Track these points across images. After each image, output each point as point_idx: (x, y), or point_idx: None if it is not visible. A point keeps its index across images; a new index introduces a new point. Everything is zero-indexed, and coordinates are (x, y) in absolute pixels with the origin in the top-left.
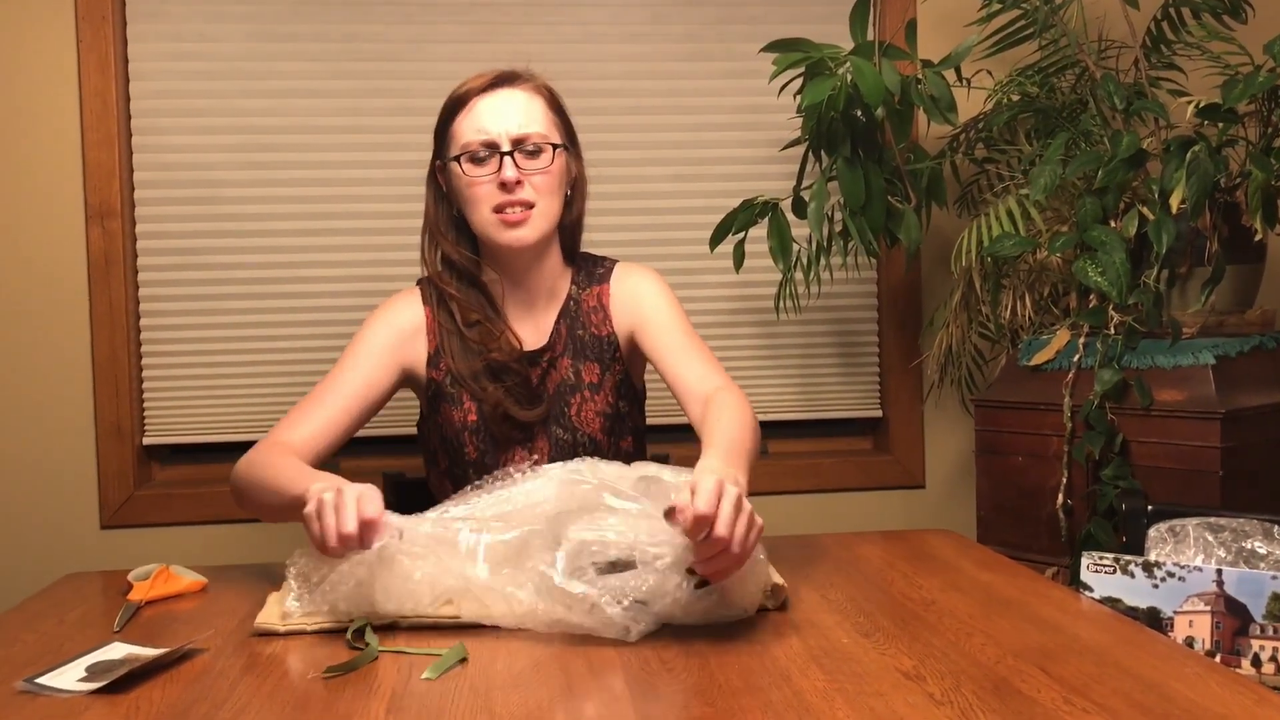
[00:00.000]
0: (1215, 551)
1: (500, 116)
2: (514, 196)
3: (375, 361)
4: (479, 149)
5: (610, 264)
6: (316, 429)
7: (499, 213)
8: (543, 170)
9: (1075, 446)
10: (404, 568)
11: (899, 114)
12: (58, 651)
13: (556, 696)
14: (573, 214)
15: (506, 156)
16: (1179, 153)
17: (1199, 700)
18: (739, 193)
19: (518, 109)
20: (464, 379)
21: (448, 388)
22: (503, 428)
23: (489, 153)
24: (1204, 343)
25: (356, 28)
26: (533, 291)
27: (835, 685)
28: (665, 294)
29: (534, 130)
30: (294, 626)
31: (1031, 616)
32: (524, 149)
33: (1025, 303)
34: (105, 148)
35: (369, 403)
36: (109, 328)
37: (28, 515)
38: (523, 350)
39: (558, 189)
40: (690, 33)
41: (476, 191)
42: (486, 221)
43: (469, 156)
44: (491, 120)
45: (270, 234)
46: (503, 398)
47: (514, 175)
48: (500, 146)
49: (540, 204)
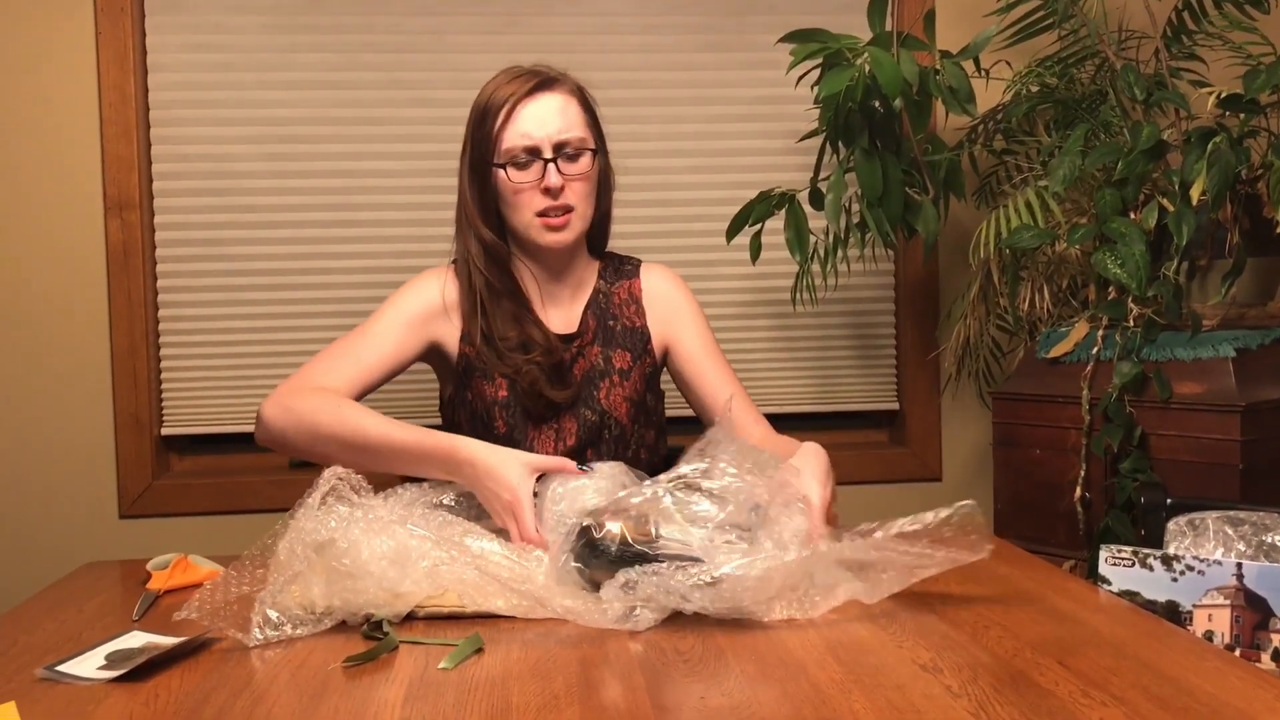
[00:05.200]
0: (1235, 545)
1: (542, 122)
2: (556, 202)
3: (406, 327)
4: (521, 154)
5: (636, 262)
6: (352, 378)
7: (541, 216)
8: (582, 175)
9: (1094, 439)
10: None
11: (917, 105)
12: (77, 640)
13: (573, 687)
14: (600, 210)
15: (550, 163)
16: (1200, 144)
17: (1218, 694)
18: (756, 184)
19: (557, 114)
20: (499, 354)
21: (479, 363)
22: (535, 404)
23: (531, 158)
24: (1224, 335)
25: (375, 19)
26: (561, 282)
27: (852, 677)
28: (697, 311)
29: (574, 135)
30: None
31: (1049, 609)
32: (565, 154)
33: (1044, 295)
34: (124, 140)
35: (396, 363)
36: (128, 319)
37: (47, 505)
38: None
39: (593, 191)
40: (708, 24)
41: (521, 198)
42: (529, 224)
43: (512, 162)
44: (534, 126)
45: (288, 225)
46: (538, 375)
47: (558, 182)
48: (543, 152)
49: (579, 207)
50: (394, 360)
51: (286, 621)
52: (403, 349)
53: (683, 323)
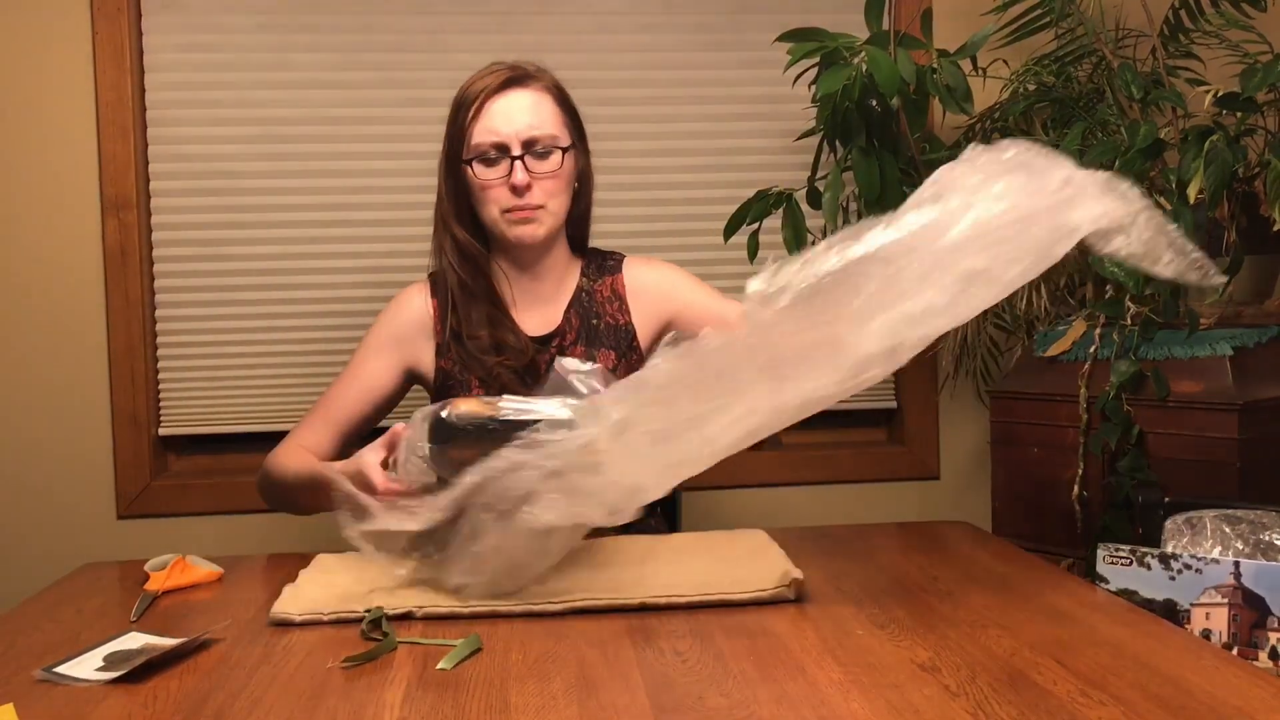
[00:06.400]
0: (1233, 543)
1: (510, 119)
2: (523, 200)
3: (377, 355)
4: (490, 150)
5: (619, 257)
6: (328, 426)
7: (507, 213)
8: (552, 174)
9: (1091, 438)
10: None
11: (914, 104)
12: (75, 641)
13: (571, 687)
14: (580, 207)
15: (517, 160)
16: (1197, 142)
17: (1216, 693)
18: (753, 183)
19: (527, 110)
20: (472, 365)
21: (457, 375)
22: None
23: (499, 155)
24: (1222, 334)
25: (371, 19)
26: (541, 281)
27: (850, 676)
28: (692, 279)
29: (544, 133)
30: (310, 616)
31: (1047, 608)
32: (534, 151)
33: (1041, 293)
34: (120, 140)
35: (377, 396)
36: (125, 319)
37: (45, 505)
38: (530, 336)
39: (566, 189)
40: (704, 23)
41: (488, 194)
42: (496, 219)
43: (480, 158)
44: (502, 122)
45: (285, 225)
46: (510, 379)
47: (524, 179)
48: (510, 149)
49: (549, 204)
50: (372, 394)
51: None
52: (378, 379)
53: (681, 294)
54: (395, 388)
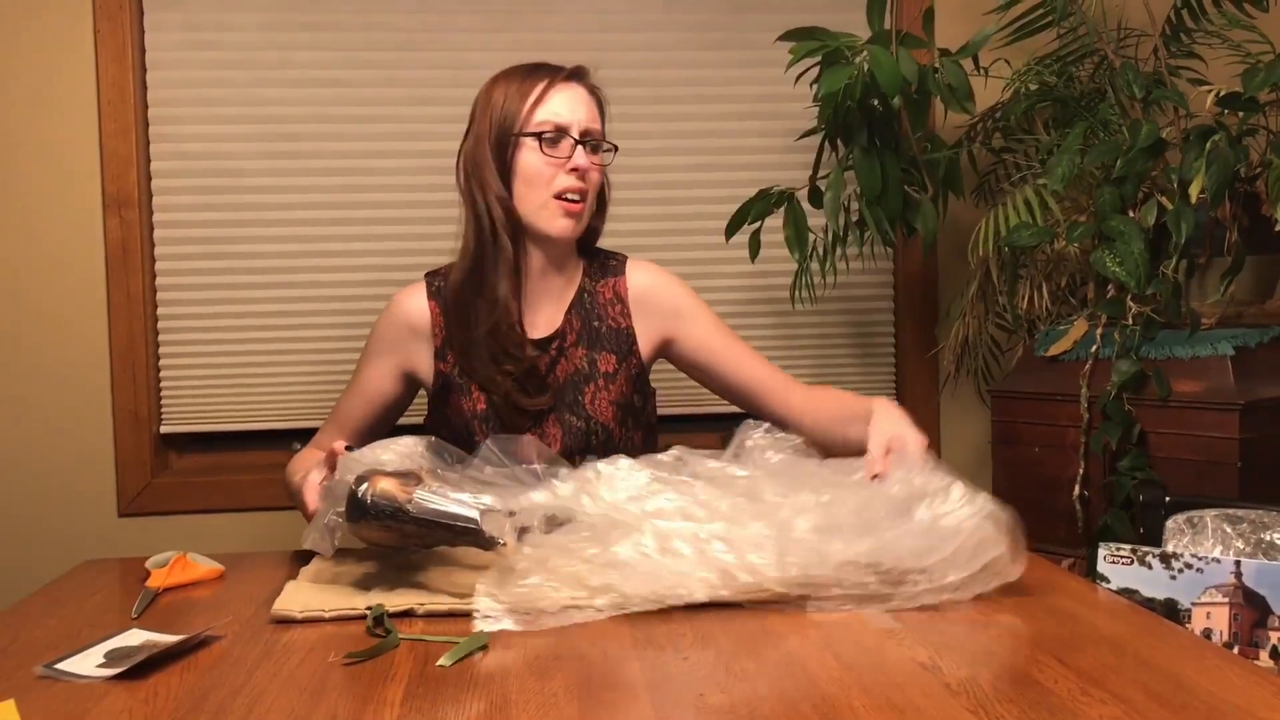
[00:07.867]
0: (1234, 543)
1: (574, 108)
2: (580, 184)
3: (374, 373)
4: (552, 131)
5: (621, 258)
6: (339, 430)
7: (559, 199)
8: (601, 168)
9: (1092, 437)
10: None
11: (916, 103)
12: (76, 637)
13: (572, 685)
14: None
15: (580, 145)
16: (1198, 142)
17: (1217, 691)
18: (755, 182)
19: (587, 104)
20: (472, 369)
21: (456, 378)
22: (512, 416)
23: (560, 136)
24: (1223, 333)
25: (374, 17)
26: (548, 281)
27: (852, 675)
28: (696, 300)
29: (598, 128)
30: (311, 614)
31: (1048, 607)
32: (589, 143)
33: (1042, 293)
34: (122, 138)
35: (381, 400)
36: (126, 317)
37: (46, 503)
38: (530, 338)
39: (600, 190)
40: (706, 22)
41: (544, 175)
42: (544, 204)
43: (541, 136)
44: (567, 110)
45: (287, 223)
46: (511, 387)
47: (586, 163)
48: (572, 134)
49: (589, 199)
50: (375, 401)
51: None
52: (378, 385)
53: (685, 317)
54: (397, 392)
